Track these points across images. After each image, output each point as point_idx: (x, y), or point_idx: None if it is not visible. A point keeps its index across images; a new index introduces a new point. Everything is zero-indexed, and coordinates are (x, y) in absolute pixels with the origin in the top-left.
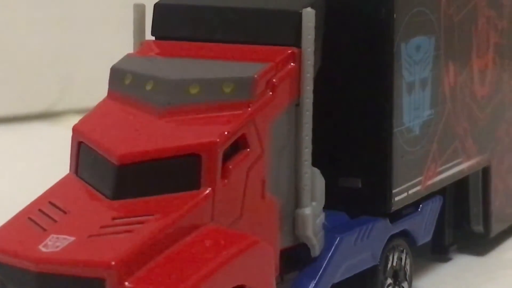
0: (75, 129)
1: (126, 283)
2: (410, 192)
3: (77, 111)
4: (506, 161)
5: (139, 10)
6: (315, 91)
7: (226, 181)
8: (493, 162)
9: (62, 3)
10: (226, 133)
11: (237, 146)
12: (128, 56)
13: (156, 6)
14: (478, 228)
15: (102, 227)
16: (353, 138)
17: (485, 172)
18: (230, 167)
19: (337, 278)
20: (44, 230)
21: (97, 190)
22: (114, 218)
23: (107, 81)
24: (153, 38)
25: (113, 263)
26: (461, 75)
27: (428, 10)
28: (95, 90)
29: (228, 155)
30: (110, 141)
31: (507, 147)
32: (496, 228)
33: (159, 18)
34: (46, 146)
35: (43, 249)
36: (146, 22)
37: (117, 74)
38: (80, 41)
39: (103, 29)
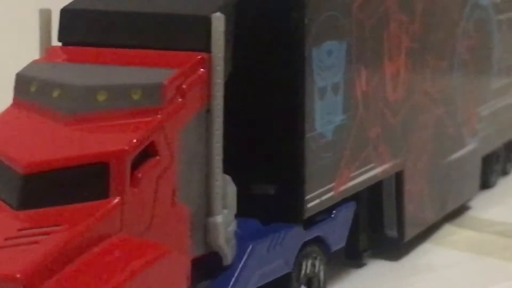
0: None
1: None
2: (323, 198)
3: None
4: (420, 166)
5: (45, 15)
6: (226, 97)
7: (135, 190)
8: (407, 167)
9: None
10: (134, 140)
11: (146, 154)
12: (34, 63)
13: (62, 11)
14: (392, 233)
15: (7, 239)
16: (265, 144)
17: (399, 177)
18: (139, 175)
19: (250, 287)
20: None
21: (3, 201)
22: (20, 230)
23: (12, 89)
24: (60, 44)
25: (18, 275)
26: (374, 80)
27: (339, 14)
28: None
29: (137, 163)
30: (16, 150)
31: (420, 152)
32: (410, 232)
33: (66, 23)
34: None
35: None
36: (53, 28)
37: (22, 81)
38: None
39: (6, 35)
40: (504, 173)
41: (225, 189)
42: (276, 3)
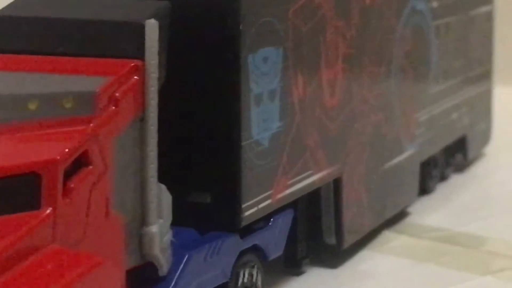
0: None
1: None
2: (260, 206)
3: None
4: (358, 172)
5: None
6: (161, 104)
7: (68, 200)
8: (345, 173)
9: None
10: (67, 150)
11: (79, 163)
12: None
13: None
14: (331, 240)
15: None
16: (202, 152)
17: (337, 184)
18: (72, 185)
19: None
20: None
21: None
22: None
23: None
24: None
25: None
26: (311, 86)
27: (275, 20)
28: None
29: (69, 173)
30: None
31: (358, 158)
32: (349, 239)
33: None
34: None
35: None
36: None
37: None
38: None
39: None
40: (443, 178)
41: (160, 198)
42: (211, 10)
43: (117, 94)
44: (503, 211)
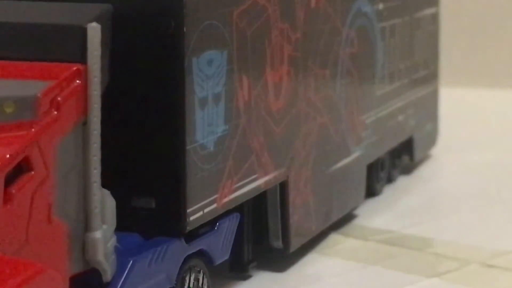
0: None
1: None
2: (205, 210)
3: None
4: (304, 175)
5: None
6: (104, 108)
7: (8, 206)
8: (291, 177)
9: None
10: (7, 156)
11: (21, 168)
12: None
13: None
14: (278, 243)
15: None
16: (146, 156)
17: (283, 187)
18: (13, 191)
19: None
20: None
21: None
22: None
23: None
24: None
25: None
26: (256, 89)
27: (220, 23)
28: None
29: (10, 179)
30: None
31: (304, 161)
32: (296, 243)
33: None
34: None
35: None
36: None
37: None
38: None
39: None
40: (390, 180)
41: (104, 204)
42: (155, 12)
43: (59, 99)
44: (449, 213)
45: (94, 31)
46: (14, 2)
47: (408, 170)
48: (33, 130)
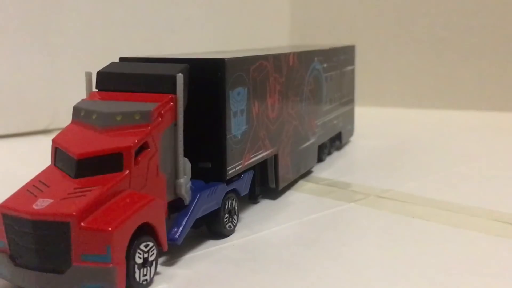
0: (53, 140)
1: (82, 223)
2: (236, 168)
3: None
4: (286, 151)
5: (89, 75)
6: (185, 117)
7: (136, 166)
8: (279, 152)
9: (55, 35)
10: (136, 141)
11: (142, 147)
12: (83, 100)
13: (98, 73)
14: (272, 185)
15: (69, 193)
16: (206, 141)
17: (275, 156)
18: (139, 159)
19: (199, 215)
20: (36, 196)
21: (66, 173)
22: (75, 189)
23: (71, 114)
24: (97, 90)
25: (74, 213)
26: (261, 107)
27: (243, 73)
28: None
29: (138, 152)
30: (72, 145)
31: (286, 144)
32: (281, 185)
33: (99, 79)
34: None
35: (35, 207)
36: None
37: (76, 110)
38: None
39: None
40: (329, 154)
41: (185, 165)
42: (210, 67)
43: (162, 111)
44: (359, 170)
45: (179, 78)
46: (140, 62)
47: (338, 148)
48: (149, 128)
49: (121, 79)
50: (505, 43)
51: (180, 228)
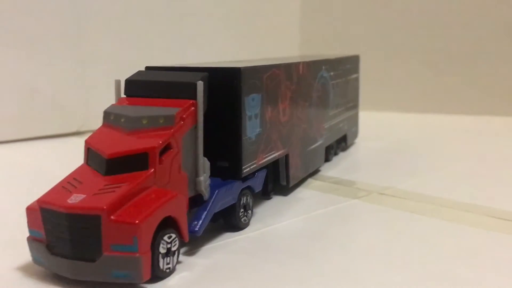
0: (86, 141)
1: (112, 217)
2: (251, 167)
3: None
4: (296, 152)
5: (118, 82)
6: (205, 120)
7: (161, 165)
8: (290, 152)
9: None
10: (160, 142)
11: (166, 148)
12: (112, 105)
13: (126, 80)
14: (284, 183)
15: (99, 189)
16: (224, 142)
17: (286, 157)
18: (163, 158)
19: (217, 210)
20: (70, 192)
21: (97, 171)
22: (106, 185)
23: (102, 118)
24: (125, 96)
25: (104, 207)
26: (274, 111)
27: (257, 81)
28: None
29: (162, 152)
30: (103, 146)
31: (296, 145)
32: (292, 182)
33: (127, 86)
34: (78, 153)
35: (69, 201)
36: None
37: (107, 114)
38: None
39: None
40: (335, 154)
41: (204, 164)
42: (227, 76)
43: (184, 116)
44: (363, 169)
45: (200, 85)
46: (164, 70)
47: (344, 149)
48: (172, 130)
49: (147, 86)
50: (500, 53)
51: (200, 221)
